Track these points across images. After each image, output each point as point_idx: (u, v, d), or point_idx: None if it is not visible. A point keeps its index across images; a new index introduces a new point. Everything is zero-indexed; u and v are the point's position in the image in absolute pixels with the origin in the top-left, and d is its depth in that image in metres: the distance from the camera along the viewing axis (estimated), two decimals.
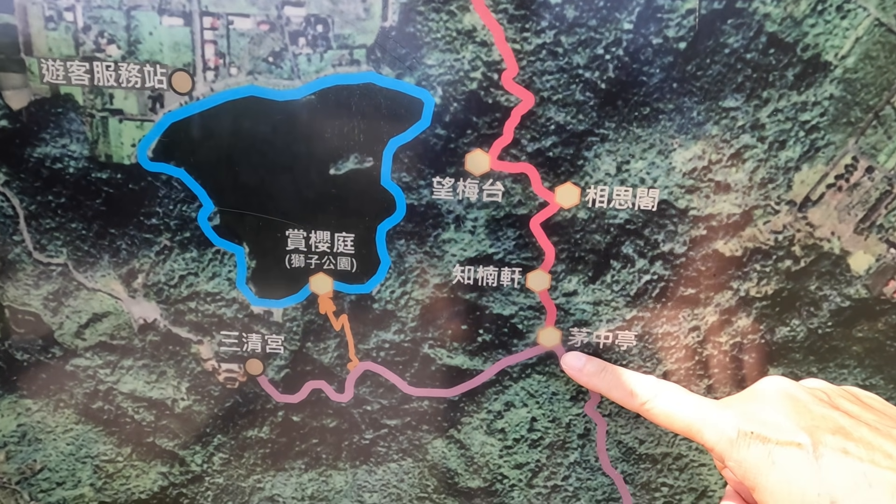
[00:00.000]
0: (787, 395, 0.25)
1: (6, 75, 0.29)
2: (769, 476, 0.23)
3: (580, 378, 0.31)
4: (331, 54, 0.29)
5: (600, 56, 0.28)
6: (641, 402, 0.28)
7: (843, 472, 0.22)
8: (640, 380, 0.29)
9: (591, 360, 0.31)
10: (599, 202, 0.31)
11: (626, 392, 0.29)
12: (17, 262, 0.32)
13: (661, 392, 0.28)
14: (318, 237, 0.32)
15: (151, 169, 0.31)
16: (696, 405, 0.26)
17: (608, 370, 0.31)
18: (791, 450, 0.23)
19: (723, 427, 0.25)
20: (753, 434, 0.24)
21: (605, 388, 0.30)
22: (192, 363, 0.34)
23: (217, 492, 0.37)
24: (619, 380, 0.29)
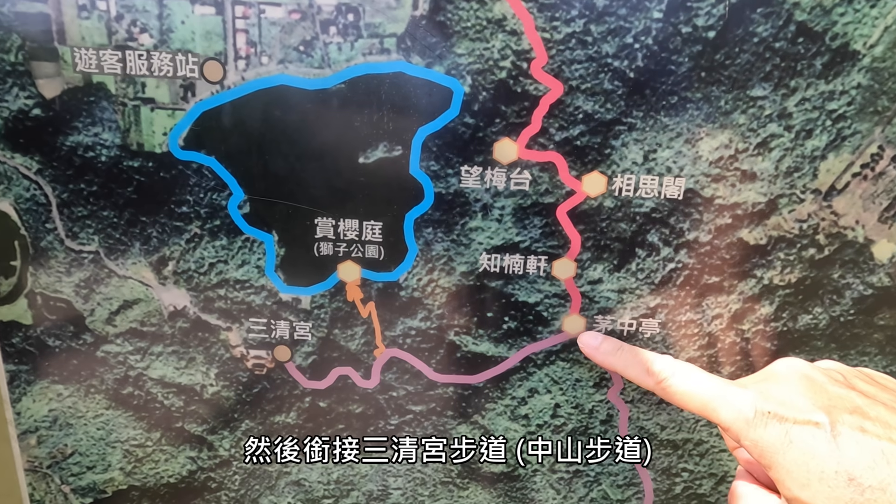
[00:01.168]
0: (804, 376, 0.26)
1: (39, 64, 0.30)
2: (787, 455, 0.23)
3: (596, 357, 0.32)
4: (361, 43, 0.29)
5: (629, 45, 0.29)
6: (658, 381, 0.28)
7: (861, 449, 0.22)
8: (657, 359, 0.29)
9: (607, 339, 0.31)
10: (626, 191, 0.31)
11: (642, 370, 0.29)
12: (50, 250, 0.33)
13: (677, 371, 0.28)
14: (346, 225, 0.32)
15: (182, 157, 0.31)
16: (712, 384, 0.26)
17: (624, 349, 0.31)
18: (809, 428, 0.23)
19: (739, 406, 0.25)
20: (771, 413, 0.24)
21: (622, 367, 0.30)
22: (221, 350, 0.35)
23: (244, 476, 0.37)
24: (635, 358, 0.29)
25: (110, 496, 0.38)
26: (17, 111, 0.30)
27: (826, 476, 0.22)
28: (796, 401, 0.24)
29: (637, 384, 0.30)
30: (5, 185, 0.32)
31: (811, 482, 0.23)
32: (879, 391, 0.25)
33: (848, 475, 0.22)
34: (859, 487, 0.22)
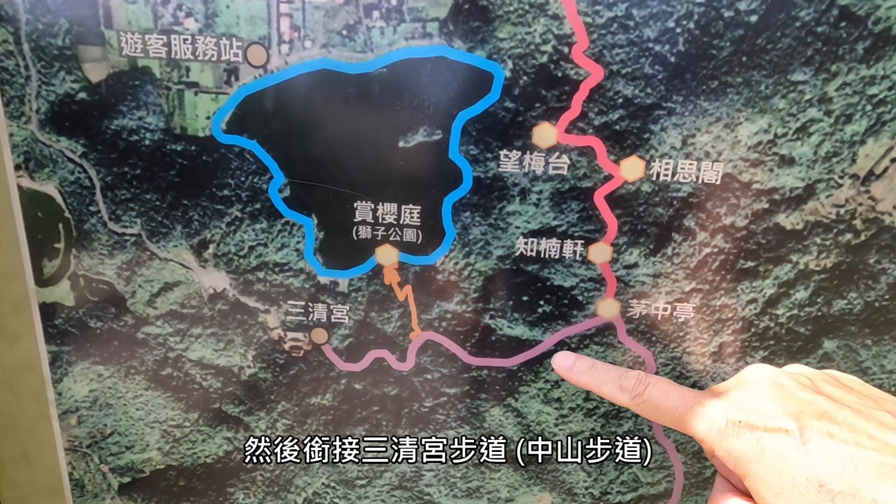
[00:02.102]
0: (772, 382, 0.26)
1: (86, 48, 0.30)
2: (759, 463, 0.23)
3: (570, 376, 0.31)
4: (404, 27, 0.29)
5: (671, 29, 0.29)
6: (632, 397, 0.28)
7: (829, 455, 0.22)
8: (629, 375, 0.29)
9: (580, 358, 0.31)
10: (664, 175, 0.31)
11: (615, 388, 0.29)
12: (93, 233, 0.33)
13: (649, 386, 0.28)
14: (385, 209, 0.32)
15: (225, 141, 0.31)
16: (684, 397, 0.26)
17: (597, 367, 0.30)
18: (779, 436, 0.23)
19: (711, 417, 0.25)
20: (741, 422, 0.24)
21: (596, 385, 0.30)
22: (259, 332, 0.35)
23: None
24: (608, 375, 0.29)
25: (148, 475, 0.39)
26: (64, 95, 0.31)
27: (798, 483, 0.22)
28: (766, 408, 0.24)
29: (611, 401, 0.29)
30: (50, 169, 0.32)
31: (784, 490, 0.23)
32: (846, 394, 0.25)
33: (818, 482, 0.22)
34: (829, 493, 0.22)
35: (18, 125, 0.32)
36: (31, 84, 0.31)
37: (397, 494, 0.39)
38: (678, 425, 0.26)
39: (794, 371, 0.27)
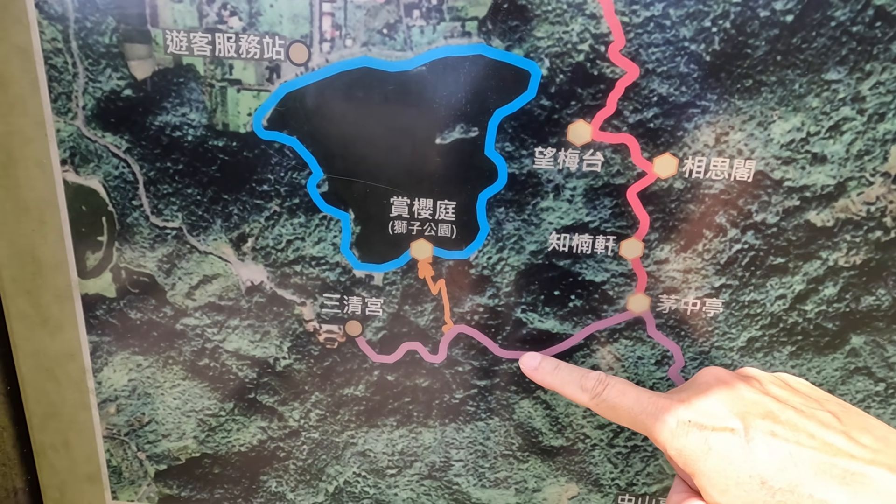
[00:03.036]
0: (722, 383, 0.27)
1: (132, 46, 0.31)
2: (706, 462, 0.24)
3: (535, 376, 0.32)
4: (443, 26, 0.30)
5: (707, 28, 0.29)
6: (591, 397, 0.29)
7: (771, 453, 0.23)
8: (589, 376, 0.30)
9: (546, 359, 0.32)
10: (696, 172, 0.31)
11: (577, 388, 0.30)
12: (135, 226, 0.34)
13: (607, 387, 0.29)
14: (420, 204, 0.33)
15: (265, 137, 0.32)
16: (639, 398, 0.27)
17: (561, 367, 0.31)
18: (725, 435, 0.24)
19: (663, 418, 0.26)
20: (691, 422, 0.25)
21: (559, 385, 0.31)
22: (295, 324, 0.36)
23: (312, 446, 0.39)
24: (570, 376, 0.30)
25: (183, 463, 0.40)
26: (110, 92, 0.32)
27: (742, 480, 0.23)
28: (714, 408, 0.25)
29: (572, 400, 0.31)
30: (95, 164, 0.33)
31: (729, 487, 0.24)
32: (791, 395, 0.26)
33: (760, 479, 0.23)
34: (770, 490, 0.23)
35: (65, 121, 0.32)
36: (78, 81, 0.32)
37: (426, 484, 0.39)
38: (633, 425, 0.28)
39: (745, 373, 0.28)
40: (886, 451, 0.23)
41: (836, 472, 0.22)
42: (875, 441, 0.23)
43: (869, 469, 0.22)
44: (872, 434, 0.24)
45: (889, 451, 0.23)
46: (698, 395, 0.26)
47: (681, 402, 0.26)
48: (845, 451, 0.23)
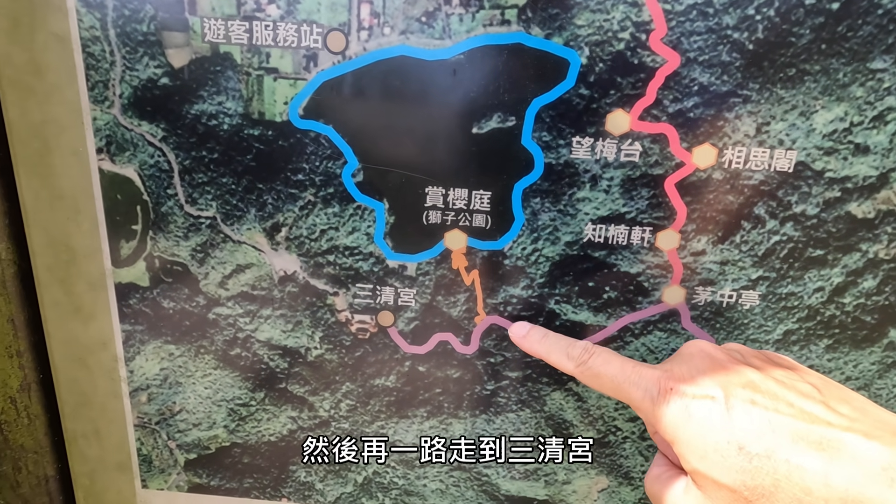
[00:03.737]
0: (706, 355, 0.27)
1: (170, 34, 0.31)
2: (686, 428, 0.24)
3: (523, 344, 0.33)
4: (482, 14, 0.30)
5: (751, 16, 0.29)
6: (577, 365, 0.30)
7: (750, 420, 0.23)
8: (575, 344, 0.30)
9: (534, 328, 0.33)
10: (736, 163, 0.31)
11: (563, 356, 0.30)
12: (170, 215, 0.34)
13: (593, 356, 0.29)
14: (455, 194, 0.33)
15: (301, 126, 0.32)
16: (623, 367, 0.28)
17: (549, 336, 0.32)
18: (706, 402, 0.24)
19: (646, 385, 0.26)
20: (672, 390, 0.25)
21: (545, 352, 0.32)
22: (327, 314, 0.36)
23: (342, 436, 0.39)
24: (557, 344, 0.31)
25: (213, 452, 0.40)
26: (146, 80, 0.32)
27: (720, 446, 0.23)
28: (696, 377, 0.26)
29: (558, 368, 0.31)
30: (131, 152, 0.33)
31: (708, 453, 0.24)
32: (773, 367, 0.26)
33: (738, 444, 0.23)
34: (748, 455, 0.23)
35: (102, 109, 0.32)
36: (115, 69, 0.32)
37: (455, 475, 0.39)
38: (616, 393, 0.28)
39: (729, 346, 0.29)
40: (863, 420, 0.23)
41: (812, 439, 0.22)
42: (853, 410, 0.23)
43: (845, 435, 0.22)
44: (850, 404, 0.24)
45: (866, 419, 0.23)
46: (681, 365, 0.27)
47: (663, 371, 0.27)
48: (823, 419, 0.23)
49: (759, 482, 0.22)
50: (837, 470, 0.21)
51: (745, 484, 0.23)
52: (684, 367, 0.26)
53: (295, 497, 0.41)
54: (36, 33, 0.31)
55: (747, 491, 0.23)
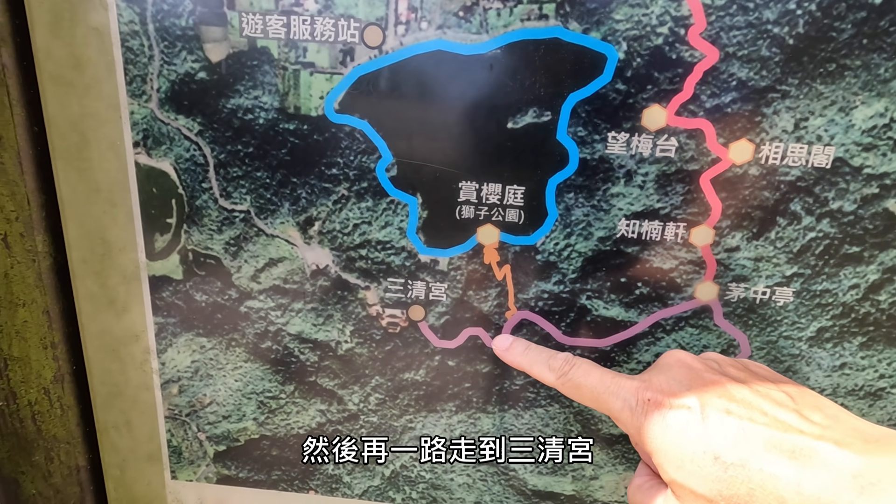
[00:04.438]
0: (683, 365, 0.27)
1: (208, 29, 0.31)
2: (664, 439, 0.25)
3: (506, 357, 0.33)
4: (520, 9, 0.30)
5: (792, 11, 0.29)
6: (557, 377, 0.30)
7: (725, 429, 0.24)
8: (556, 357, 0.31)
9: (517, 340, 0.34)
10: (773, 159, 0.31)
11: (545, 367, 0.31)
12: (204, 209, 0.35)
13: (574, 367, 0.30)
14: (489, 189, 0.33)
15: (337, 121, 0.32)
16: (602, 378, 0.28)
17: (531, 348, 0.33)
18: (682, 412, 0.25)
19: (624, 396, 0.27)
20: (650, 401, 0.26)
21: (528, 365, 0.32)
22: (358, 308, 0.36)
23: (370, 429, 0.39)
24: (539, 356, 0.32)
25: (242, 444, 0.41)
26: (184, 74, 0.32)
27: (696, 456, 0.24)
28: (673, 388, 0.26)
29: (540, 380, 0.32)
30: (167, 146, 0.34)
31: (684, 463, 0.24)
32: (749, 377, 0.27)
33: (714, 454, 0.23)
34: (723, 465, 0.23)
35: (139, 103, 0.33)
36: (153, 63, 0.32)
37: (483, 470, 0.40)
38: (597, 404, 0.28)
39: (706, 356, 0.29)
40: (835, 427, 0.23)
41: (785, 447, 0.23)
42: (825, 418, 0.24)
43: (817, 444, 0.22)
44: (823, 412, 0.24)
45: (838, 427, 0.23)
46: (659, 375, 0.27)
47: (641, 382, 0.27)
48: (795, 427, 0.23)
49: (735, 491, 0.23)
50: (809, 478, 0.22)
51: (721, 493, 0.23)
52: (662, 378, 0.27)
53: (322, 490, 0.41)
54: (76, 28, 0.31)
55: (723, 500, 0.23)
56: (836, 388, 0.35)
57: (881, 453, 0.21)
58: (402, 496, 0.41)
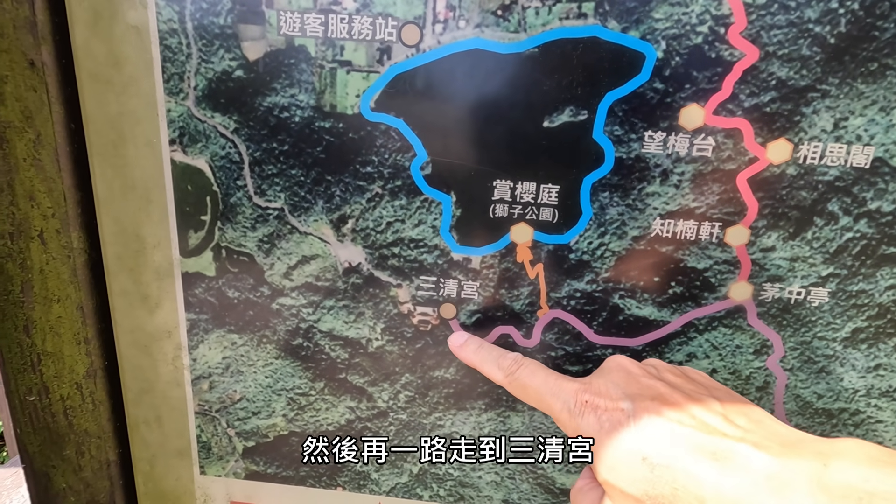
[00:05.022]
0: (622, 369, 0.28)
1: (246, 27, 0.31)
2: (599, 440, 0.26)
3: (459, 353, 0.35)
4: (559, 7, 0.30)
5: (834, 10, 0.28)
6: (504, 375, 0.31)
7: (654, 431, 0.24)
8: (507, 356, 0.32)
9: (471, 338, 0.35)
10: (811, 158, 0.31)
11: (494, 366, 0.32)
12: (238, 206, 0.35)
13: (521, 367, 0.31)
14: (523, 188, 0.33)
15: (372, 119, 0.32)
16: (546, 379, 0.29)
17: (483, 346, 0.34)
18: (616, 414, 0.26)
19: (564, 398, 0.28)
20: (588, 403, 0.27)
21: (479, 362, 0.33)
22: (390, 305, 0.36)
23: (399, 427, 0.39)
24: (490, 355, 0.33)
25: (271, 440, 0.41)
26: (221, 72, 0.32)
27: (626, 457, 0.24)
28: (610, 391, 0.27)
29: (489, 377, 0.33)
30: (203, 144, 0.34)
31: (616, 464, 0.25)
32: (685, 382, 0.28)
33: (642, 455, 0.24)
34: (650, 465, 0.24)
35: (176, 101, 0.33)
36: (191, 62, 0.32)
37: (511, 468, 0.40)
38: (540, 404, 0.29)
39: (646, 362, 0.30)
40: (756, 431, 0.24)
41: (708, 449, 0.23)
42: (749, 422, 0.25)
43: (737, 446, 0.23)
44: (748, 417, 0.25)
45: (759, 430, 0.24)
46: (599, 378, 0.28)
47: (581, 384, 0.28)
48: (720, 431, 0.24)
49: (660, 491, 0.23)
50: (728, 479, 0.22)
51: (647, 493, 0.24)
52: (601, 381, 0.28)
53: (350, 486, 0.42)
54: (115, 26, 0.31)
55: (649, 500, 0.24)
56: (870, 389, 0.35)
57: (795, 456, 0.22)
58: (429, 493, 0.41)
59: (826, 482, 0.21)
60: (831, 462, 0.21)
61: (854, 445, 0.22)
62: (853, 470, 0.21)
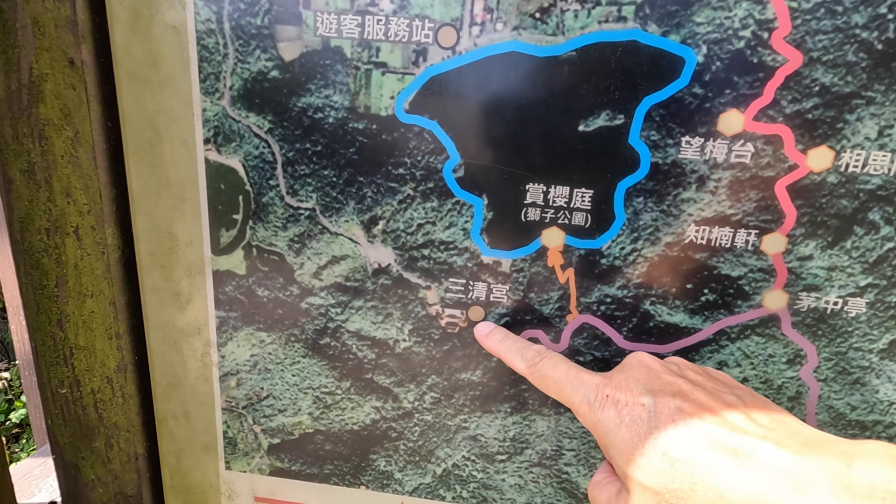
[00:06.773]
0: (644, 365, 0.29)
1: (283, 28, 0.31)
2: (618, 434, 0.26)
3: (485, 342, 0.35)
4: (598, 10, 0.29)
5: (882, 15, 0.28)
6: (527, 366, 0.31)
7: (675, 426, 0.25)
8: (530, 347, 0.32)
9: (497, 329, 0.35)
10: (853, 167, 0.30)
11: (518, 357, 0.32)
12: (270, 206, 0.35)
13: (544, 359, 0.31)
14: (556, 192, 0.33)
15: (406, 121, 0.32)
16: (568, 371, 0.30)
17: (509, 337, 0.34)
18: (637, 409, 0.26)
19: (585, 391, 0.28)
20: (609, 397, 0.27)
21: (503, 352, 0.33)
22: (418, 307, 0.36)
23: (424, 428, 0.39)
24: (515, 345, 0.33)
25: (296, 438, 0.41)
26: (257, 73, 0.32)
27: (646, 451, 0.25)
28: (631, 386, 0.27)
29: (513, 368, 0.33)
30: (237, 143, 0.34)
31: (635, 458, 0.25)
32: (706, 380, 0.28)
33: (662, 450, 0.24)
34: (670, 460, 0.24)
35: (212, 101, 0.33)
36: (227, 62, 0.32)
37: (535, 471, 0.40)
38: (560, 396, 0.30)
39: (668, 359, 0.30)
40: (778, 430, 0.24)
41: (729, 446, 0.23)
42: (771, 421, 0.25)
43: (758, 443, 0.23)
44: (770, 416, 0.25)
45: (781, 429, 0.24)
46: (620, 374, 0.28)
47: (603, 378, 0.28)
48: (741, 428, 0.24)
49: (679, 485, 0.23)
50: (747, 475, 0.22)
51: (667, 487, 0.24)
52: (622, 377, 0.28)
53: (373, 486, 0.42)
54: (154, 25, 0.32)
55: (668, 493, 0.24)
56: None
57: (818, 454, 0.22)
58: (452, 494, 0.41)
59: (849, 481, 0.20)
60: (855, 462, 0.21)
61: (878, 446, 0.22)
62: (878, 470, 0.20)
